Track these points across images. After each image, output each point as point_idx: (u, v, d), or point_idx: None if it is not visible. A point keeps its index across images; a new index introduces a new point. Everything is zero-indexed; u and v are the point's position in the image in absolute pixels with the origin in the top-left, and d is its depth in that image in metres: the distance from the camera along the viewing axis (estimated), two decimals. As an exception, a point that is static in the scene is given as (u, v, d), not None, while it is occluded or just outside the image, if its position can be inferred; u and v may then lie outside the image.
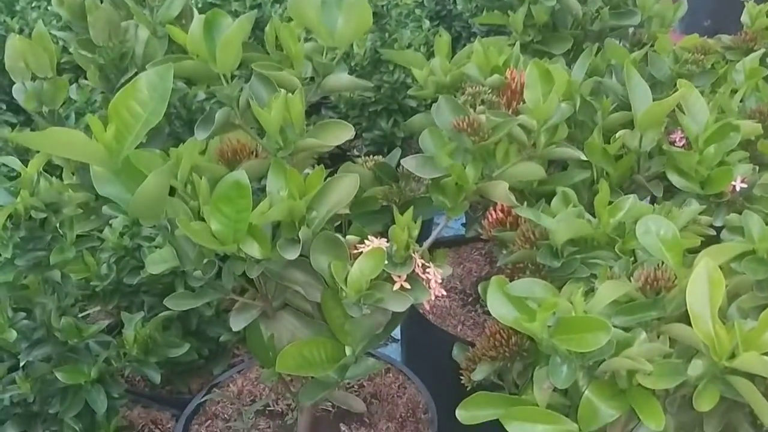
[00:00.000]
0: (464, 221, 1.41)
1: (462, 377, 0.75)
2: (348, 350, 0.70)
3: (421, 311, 1.09)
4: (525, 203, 0.74)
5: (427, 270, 0.67)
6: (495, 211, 0.75)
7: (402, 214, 0.67)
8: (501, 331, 0.71)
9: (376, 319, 0.68)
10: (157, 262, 0.76)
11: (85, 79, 0.79)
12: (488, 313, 1.25)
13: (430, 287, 0.67)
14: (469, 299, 1.15)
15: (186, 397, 0.97)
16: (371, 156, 0.86)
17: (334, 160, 0.84)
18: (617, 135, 0.90)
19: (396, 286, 0.65)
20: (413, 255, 0.67)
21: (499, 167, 0.76)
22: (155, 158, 0.65)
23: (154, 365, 0.86)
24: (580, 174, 0.87)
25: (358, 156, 0.89)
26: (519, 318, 0.58)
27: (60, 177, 0.77)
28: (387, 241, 0.67)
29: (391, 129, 1.46)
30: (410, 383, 0.93)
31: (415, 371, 0.97)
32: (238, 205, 0.61)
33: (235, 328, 0.77)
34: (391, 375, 0.95)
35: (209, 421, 0.90)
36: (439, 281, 0.68)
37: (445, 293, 0.68)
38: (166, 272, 0.74)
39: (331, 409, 0.88)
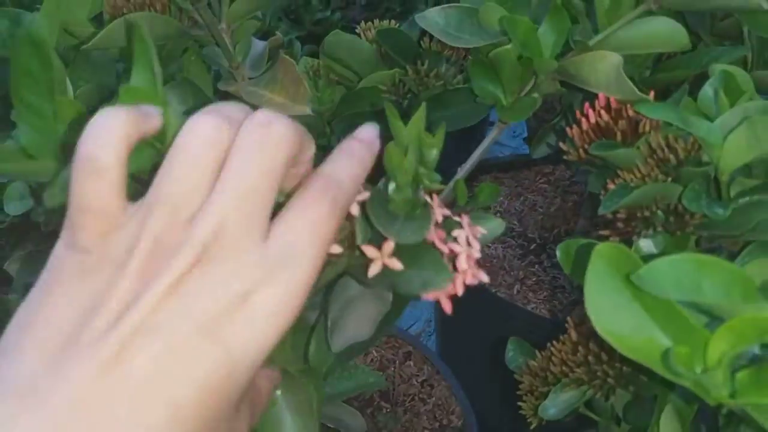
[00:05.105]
0: (526, 134, 1.06)
1: (521, 403, 0.43)
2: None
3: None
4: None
5: (456, 232, 0.32)
6: (592, 110, 0.40)
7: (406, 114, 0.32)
8: (598, 336, 0.38)
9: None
10: (15, 197, 0.47)
11: None
12: (558, 267, 0.92)
13: (457, 268, 0.32)
14: (532, 246, 0.82)
15: None
16: (375, 21, 0.52)
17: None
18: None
19: (374, 269, 0.30)
20: (429, 200, 0.32)
21: (602, 28, 0.41)
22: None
23: None
24: (726, 54, 0.51)
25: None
26: (661, 347, 0.25)
27: None
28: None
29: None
30: (440, 379, 0.62)
31: (450, 356, 0.66)
32: (43, 87, 0.28)
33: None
34: (412, 364, 0.64)
35: None
36: (477, 254, 0.32)
37: (487, 279, 0.33)
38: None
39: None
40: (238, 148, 0.22)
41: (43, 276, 0.22)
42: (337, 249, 0.30)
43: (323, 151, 0.53)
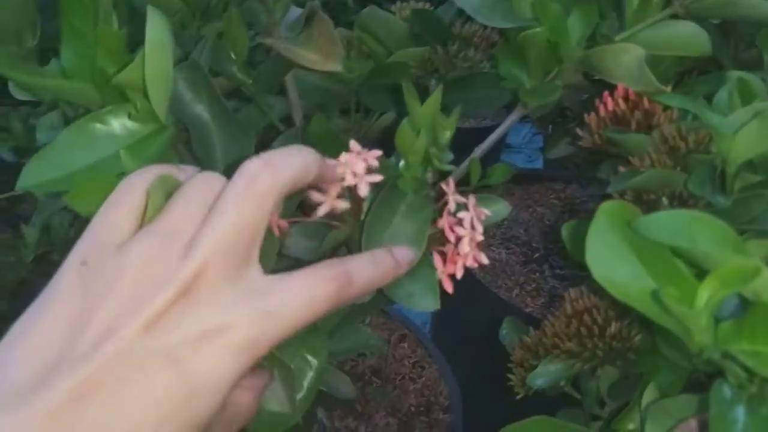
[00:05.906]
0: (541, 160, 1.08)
1: (511, 375, 0.44)
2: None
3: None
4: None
5: (461, 215, 0.32)
6: (610, 99, 0.42)
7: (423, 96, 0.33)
8: (593, 310, 0.40)
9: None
10: (47, 127, 0.49)
11: None
12: (558, 278, 0.93)
13: (459, 252, 0.31)
14: (535, 255, 0.83)
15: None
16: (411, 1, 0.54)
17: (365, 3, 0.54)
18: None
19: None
20: (444, 187, 0.33)
21: (629, 27, 0.43)
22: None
23: None
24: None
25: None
26: (651, 289, 0.27)
27: None
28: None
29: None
30: (431, 362, 0.63)
31: (445, 344, 0.67)
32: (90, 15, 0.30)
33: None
34: (406, 346, 0.65)
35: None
36: (480, 237, 0.32)
37: (486, 261, 0.33)
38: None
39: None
40: (224, 195, 0.24)
41: (43, 291, 0.24)
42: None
43: (347, 116, 0.55)
